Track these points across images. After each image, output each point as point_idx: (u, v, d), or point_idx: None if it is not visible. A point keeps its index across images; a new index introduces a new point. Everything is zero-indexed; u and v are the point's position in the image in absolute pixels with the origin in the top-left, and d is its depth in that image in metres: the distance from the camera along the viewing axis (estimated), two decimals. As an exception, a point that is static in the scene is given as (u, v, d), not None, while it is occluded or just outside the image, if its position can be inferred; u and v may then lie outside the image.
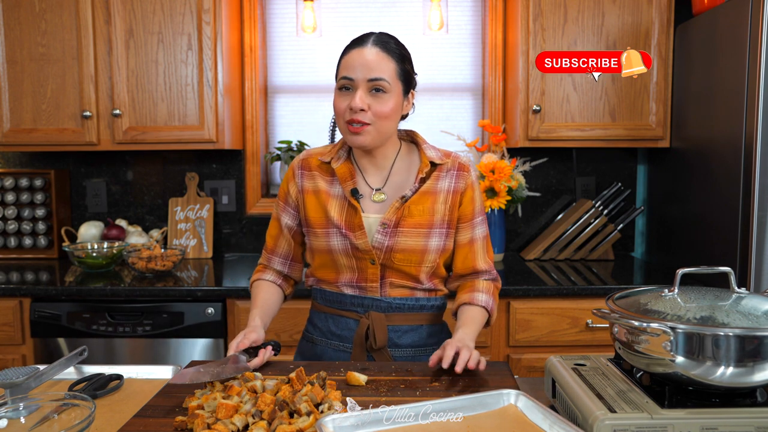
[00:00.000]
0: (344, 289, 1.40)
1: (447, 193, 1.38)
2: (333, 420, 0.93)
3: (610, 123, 2.39)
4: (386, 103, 1.30)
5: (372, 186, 1.40)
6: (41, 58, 2.38)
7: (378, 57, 1.29)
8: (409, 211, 1.35)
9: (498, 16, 2.68)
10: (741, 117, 1.91)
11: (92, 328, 2.14)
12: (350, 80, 1.30)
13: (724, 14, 2.03)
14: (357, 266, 1.37)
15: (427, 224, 1.36)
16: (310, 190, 1.41)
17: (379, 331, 1.37)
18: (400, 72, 1.33)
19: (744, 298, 1.04)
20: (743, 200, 1.91)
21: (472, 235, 1.42)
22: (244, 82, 2.70)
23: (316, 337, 1.46)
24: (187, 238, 2.68)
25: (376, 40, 1.32)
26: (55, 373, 1.23)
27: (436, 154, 1.40)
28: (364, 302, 1.39)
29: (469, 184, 1.40)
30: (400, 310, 1.39)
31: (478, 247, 1.42)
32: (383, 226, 1.34)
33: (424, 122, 2.80)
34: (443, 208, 1.38)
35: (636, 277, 2.33)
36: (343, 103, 1.31)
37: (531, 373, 2.11)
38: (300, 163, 1.45)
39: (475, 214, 1.41)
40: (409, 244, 1.35)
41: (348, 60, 1.31)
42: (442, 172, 1.40)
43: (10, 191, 2.62)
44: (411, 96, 1.40)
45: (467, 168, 1.41)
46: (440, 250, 1.38)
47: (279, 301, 1.48)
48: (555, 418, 0.94)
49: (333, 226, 1.36)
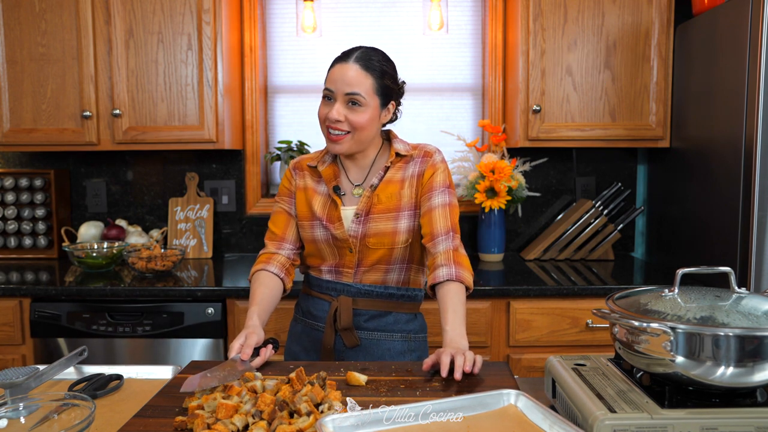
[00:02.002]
0: (325, 275, 1.55)
1: (412, 178, 1.51)
2: (333, 420, 0.93)
3: (610, 123, 2.39)
4: (361, 115, 1.43)
5: (353, 183, 1.55)
6: (41, 58, 2.38)
7: (356, 74, 1.42)
8: (378, 198, 1.50)
9: (498, 16, 2.68)
10: (741, 117, 1.91)
11: (92, 328, 2.14)
12: (331, 92, 1.45)
13: (724, 14, 2.03)
14: (338, 254, 1.52)
15: (395, 208, 1.49)
16: (301, 188, 1.58)
17: (344, 313, 1.51)
18: (378, 87, 1.45)
19: (744, 298, 1.04)
20: (743, 200, 1.91)
21: (429, 203, 1.49)
22: (244, 82, 2.70)
23: (299, 316, 1.63)
24: (187, 238, 2.68)
25: (357, 57, 1.44)
26: (55, 373, 1.23)
27: (404, 147, 1.54)
28: (337, 287, 1.53)
29: (430, 164, 1.51)
30: (368, 296, 1.52)
31: (437, 213, 1.48)
32: (356, 215, 1.49)
33: (424, 122, 2.80)
34: (409, 192, 1.50)
35: (636, 277, 2.33)
36: (324, 112, 1.46)
37: (531, 373, 2.11)
38: (293, 165, 1.63)
39: (434, 187, 1.49)
40: (380, 228, 1.48)
41: (332, 73, 1.46)
42: (409, 162, 1.53)
43: (10, 191, 2.62)
44: (392, 106, 1.52)
45: (431, 153, 1.53)
46: (411, 230, 1.50)
47: (278, 296, 1.53)
48: (555, 418, 0.94)
49: (316, 219, 1.52)
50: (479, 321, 2.11)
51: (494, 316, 2.12)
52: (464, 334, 1.32)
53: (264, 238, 1.61)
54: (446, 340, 1.30)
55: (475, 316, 2.10)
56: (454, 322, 1.33)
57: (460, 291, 1.40)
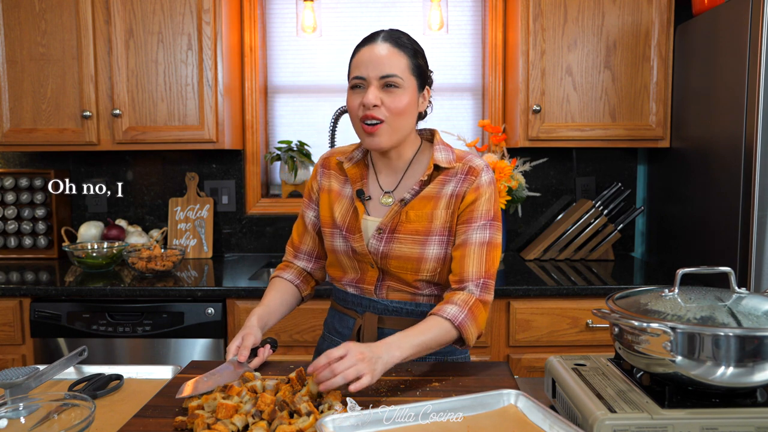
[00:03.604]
0: (348, 288, 1.40)
1: (450, 198, 1.30)
2: (333, 420, 0.93)
3: (610, 123, 2.39)
4: (400, 99, 1.25)
5: (384, 188, 1.36)
6: (41, 58, 2.38)
7: (389, 53, 1.25)
8: (407, 216, 1.30)
9: (498, 16, 2.68)
10: (741, 117, 1.91)
11: (92, 328, 2.14)
12: (362, 79, 1.26)
13: (724, 14, 2.03)
14: (359, 267, 1.36)
15: (425, 231, 1.29)
16: (325, 189, 1.41)
17: (368, 332, 1.34)
18: (413, 67, 1.28)
19: (744, 298, 1.04)
20: (743, 200, 1.91)
21: (466, 236, 1.28)
22: (244, 82, 2.70)
23: (325, 333, 1.48)
24: (187, 238, 2.68)
25: (386, 36, 1.28)
26: (55, 373, 1.23)
27: (446, 157, 1.32)
28: (363, 302, 1.37)
29: (475, 186, 1.29)
30: (396, 314, 1.34)
31: (472, 251, 1.27)
32: (378, 231, 1.30)
33: (424, 122, 2.79)
34: (444, 214, 1.29)
35: (636, 277, 2.33)
36: (356, 101, 1.27)
37: (531, 373, 2.11)
38: (322, 161, 1.45)
39: (474, 217, 1.29)
40: (404, 251, 1.29)
41: (359, 58, 1.27)
42: (449, 176, 1.32)
43: (10, 191, 2.62)
44: (427, 92, 1.35)
45: (477, 172, 1.31)
46: (440, 259, 1.30)
47: (291, 301, 1.44)
48: (555, 418, 0.94)
49: (336, 227, 1.36)
50: (479, 321, 2.11)
51: (494, 316, 2.12)
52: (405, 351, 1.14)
53: None
54: (381, 340, 1.14)
55: (475, 316, 2.10)
56: (410, 335, 1.16)
57: (448, 333, 1.21)
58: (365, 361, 1.07)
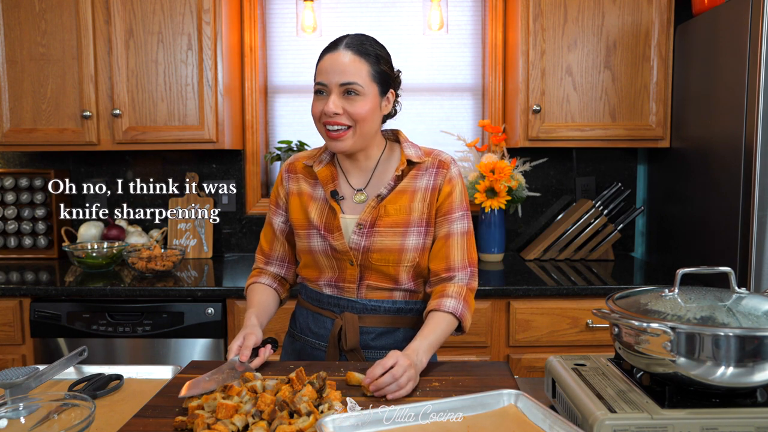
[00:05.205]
0: (324, 289, 1.42)
1: (425, 191, 1.37)
2: (333, 420, 0.93)
3: (610, 123, 2.39)
4: (361, 105, 1.30)
5: (354, 187, 1.41)
6: (41, 58, 2.38)
7: (350, 60, 1.29)
8: (385, 210, 1.35)
9: (498, 16, 2.68)
10: (741, 117, 1.91)
11: (92, 328, 2.14)
12: (323, 85, 1.31)
13: (724, 14, 2.03)
14: (337, 266, 1.38)
15: (404, 223, 1.35)
16: (294, 193, 1.44)
17: (350, 332, 1.37)
18: (375, 73, 1.32)
19: (744, 298, 1.04)
20: (743, 200, 1.91)
21: (448, 229, 1.37)
22: (244, 82, 2.70)
23: (297, 333, 1.49)
24: (187, 238, 2.68)
25: (349, 43, 1.31)
26: (55, 373, 1.23)
27: (416, 153, 1.39)
28: (341, 302, 1.39)
29: (448, 179, 1.38)
30: (375, 312, 1.38)
31: (455, 242, 1.37)
32: (359, 226, 1.34)
33: (423, 122, 2.80)
34: (421, 206, 1.36)
35: (636, 277, 2.33)
36: (318, 107, 1.33)
37: (531, 373, 2.11)
38: (287, 167, 1.49)
39: (452, 208, 1.37)
40: (385, 244, 1.34)
41: (322, 65, 1.32)
42: (421, 170, 1.38)
43: (10, 191, 2.62)
44: (391, 95, 1.38)
45: (447, 164, 1.39)
46: (419, 249, 1.36)
47: (275, 304, 1.48)
48: (555, 418, 0.94)
49: (313, 227, 1.39)
50: (479, 321, 2.11)
51: (494, 316, 2.12)
52: (429, 351, 1.25)
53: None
54: (408, 347, 1.22)
55: (475, 316, 2.10)
56: (424, 340, 1.25)
57: (451, 325, 1.32)
58: (413, 367, 1.16)
